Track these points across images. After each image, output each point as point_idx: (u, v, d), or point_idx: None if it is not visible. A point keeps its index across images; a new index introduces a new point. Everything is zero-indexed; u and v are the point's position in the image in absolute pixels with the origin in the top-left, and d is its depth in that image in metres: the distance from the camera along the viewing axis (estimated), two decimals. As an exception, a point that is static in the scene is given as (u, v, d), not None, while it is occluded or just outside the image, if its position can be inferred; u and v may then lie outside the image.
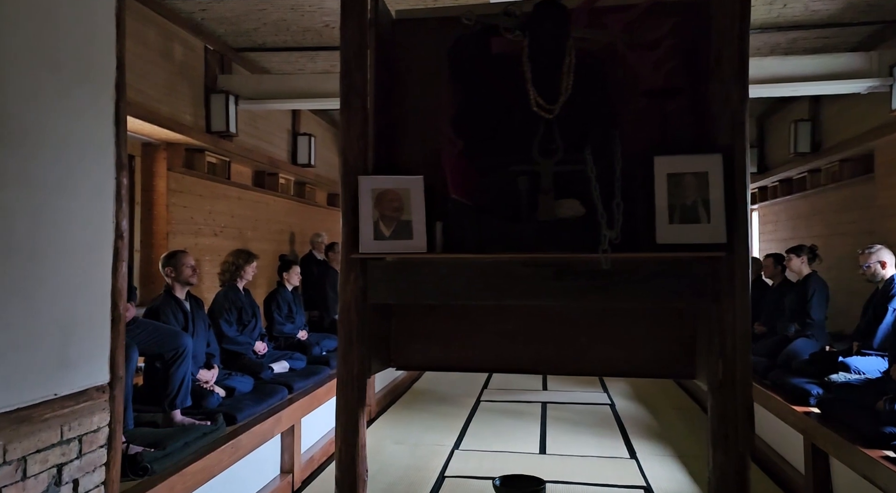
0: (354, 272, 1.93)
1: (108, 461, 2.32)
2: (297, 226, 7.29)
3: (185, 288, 3.81)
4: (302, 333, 5.45)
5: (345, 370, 1.93)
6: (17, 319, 1.95)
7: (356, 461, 1.93)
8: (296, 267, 5.58)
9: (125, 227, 2.43)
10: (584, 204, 1.75)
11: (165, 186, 4.75)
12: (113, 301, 2.37)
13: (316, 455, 4.44)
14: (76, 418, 2.17)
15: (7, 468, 1.90)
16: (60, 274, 2.12)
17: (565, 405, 6.02)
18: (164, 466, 2.76)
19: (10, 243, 1.93)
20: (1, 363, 1.89)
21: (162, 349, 3.22)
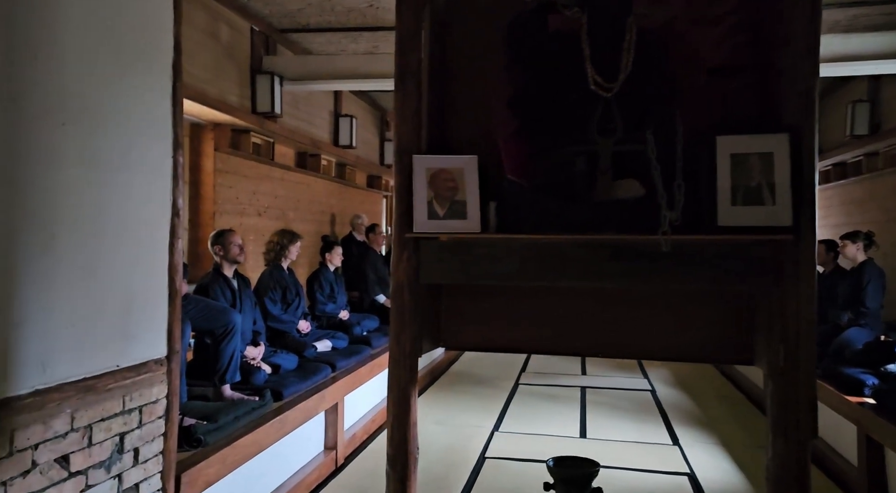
0: (407, 252, 1.94)
1: (165, 432, 2.39)
2: (338, 207, 7.36)
3: (232, 266, 3.88)
4: (343, 313, 5.52)
5: (397, 349, 1.95)
6: (84, 292, 2.01)
7: (408, 438, 1.95)
8: (338, 248, 5.64)
9: (181, 204, 2.48)
10: (644, 185, 1.71)
11: (213, 167, 4.84)
12: (170, 277, 2.43)
13: (358, 433, 4.51)
14: (137, 389, 2.24)
15: (75, 435, 1.97)
16: (122, 250, 2.18)
17: (605, 390, 5.99)
18: (216, 438, 2.84)
19: (77, 220, 1.99)
20: (69, 334, 1.96)
21: (212, 325, 3.30)
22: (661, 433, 4.72)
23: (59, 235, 1.92)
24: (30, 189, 1.82)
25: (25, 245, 1.81)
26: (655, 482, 3.75)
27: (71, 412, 1.96)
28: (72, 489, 1.96)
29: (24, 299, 1.81)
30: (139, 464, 2.25)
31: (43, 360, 1.87)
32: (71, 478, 1.96)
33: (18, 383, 1.79)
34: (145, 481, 2.28)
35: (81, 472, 2.00)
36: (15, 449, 1.77)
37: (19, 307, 1.80)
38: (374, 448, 4.38)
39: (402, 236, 1.93)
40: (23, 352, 1.81)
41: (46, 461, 1.87)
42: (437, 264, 1.94)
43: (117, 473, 2.15)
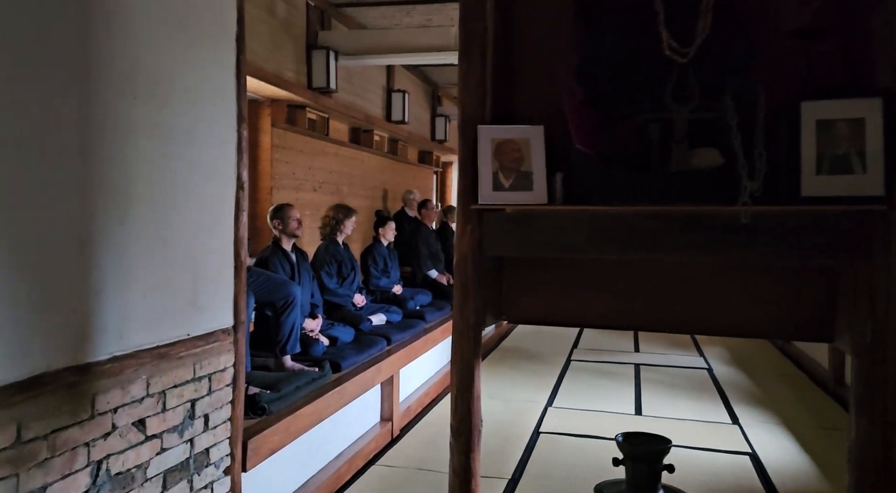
0: (472, 224, 1.91)
1: (233, 400, 2.46)
2: (390, 183, 7.38)
3: (291, 240, 3.94)
4: (397, 287, 5.56)
5: (461, 321, 1.94)
6: (156, 263, 2.07)
7: (472, 410, 1.95)
8: (391, 223, 5.67)
9: (245, 178, 2.52)
10: (722, 154, 1.64)
11: (270, 142, 4.90)
12: (235, 249, 2.47)
13: (412, 406, 4.57)
14: (206, 357, 2.30)
15: (150, 400, 2.05)
16: (190, 222, 2.23)
17: (660, 368, 5.89)
18: (279, 407, 2.91)
19: (149, 193, 2.04)
20: (143, 303, 2.02)
21: (273, 297, 3.36)
22: (719, 411, 4.63)
23: (133, 207, 1.98)
24: (105, 162, 1.87)
25: (103, 217, 1.87)
26: (716, 461, 3.68)
27: (146, 378, 2.03)
28: (148, 452, 2.04)
29: (102, 269, 1.87)
30: (209, 430, 2.32)
31: (119, 328, 1.94)
32: (147, 441, 2.04)
33: (98, 349, 1.86)
34: (215, 446, 2.35)
35: (157, 436, 2.08)
36: (96, 412, 1.84)
37: (98, 277, 1.86)
38: (428, 421, 4.43)
39: (467, 208, 1.91)
40: (101, 320, 1.87)
41: (125, 424, 1.95)
42: (501, 236, 1.91)
43: (189, 438, 2.22)
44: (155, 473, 2.07)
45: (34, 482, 1.65)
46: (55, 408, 1.71)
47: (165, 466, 2.11)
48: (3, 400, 1.57)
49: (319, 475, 3.25)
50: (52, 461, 1.70)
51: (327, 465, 3.37)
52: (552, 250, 1.88)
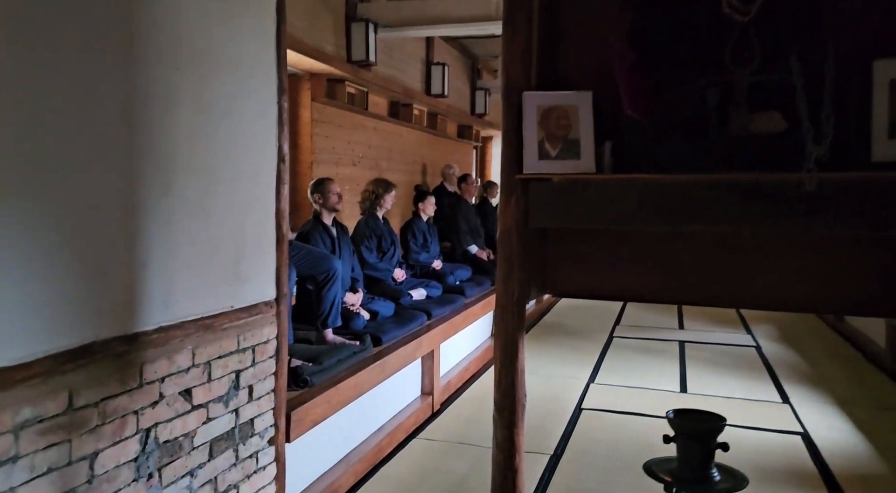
0: (516, 194, 1.86)
1: (276, 371, 2.48)
2: (429, 157, 7.33)
3: (331, 214, 3.95)
4: (437, 262, 5.55)
5: (504, 294, 1.89)
6: (200, 233, 2.08)
7: (515, 384, 1.92)
8: (431, 198, 5.63)
9: (286, 150, 2.50)
10: (785, 117, 1.54)
11: (310, 117, 4.89)
12: (277, 222, 2.47)
13: (453, 380, 4.57)
14: (249, 329, 2.32)
15: (196, 371, 2.07)
16: (232, 194, 2.23)
17: (705, 346, 5.76)
18: (321, 380, 2.93)
19: (192, 164, 2.04)
20: (188, 275, 2.03)
21: (314, 271, 3.37)
22: (768, 389, 4.50)
23: (176, 178, 1.98)
24: (148, 132, 1.87)
25: (147, 187, 1.87)
26: (766, 441, 3.58)
27: (192, 349, 2.05)
28: (195, 421, 2.07)
29: (148, 240, 1.88)
30: (253, 400, 2.35)
31: (165, 298, 1.96)
32: (194, 410, 2.07)
33: (145, 319, 1.88)
34: (259, 417, 2.38)
35: (203, 405, 2.10)
36: (144, 381, 1.87)
37: (144, 248, 1.87)
38: (468, 396, 4.43)
39: (511, 178, 1.85)
40: (148, 290, 1.89)
41: (172, 393, 1.98)
42: (546, 207, 1.85)
43: (234, 408, 2.25)
44: (202, 442, 2.10)
45: (86, 448, 1.68)
46: (105, 376, 1.74)
47: (212, 435, 2.14)
48: (55, 368, 1.60)
49: (361, 448, 3.28)
50: (103, 428, 1.73)
51: (368, 437, 3.40)
52: (600, 221, 1.82)
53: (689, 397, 4.34)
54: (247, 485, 2.32)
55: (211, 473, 2.14)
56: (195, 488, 2.07)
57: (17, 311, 1.51)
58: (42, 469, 1.57)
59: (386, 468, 3.28)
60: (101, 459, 1.73)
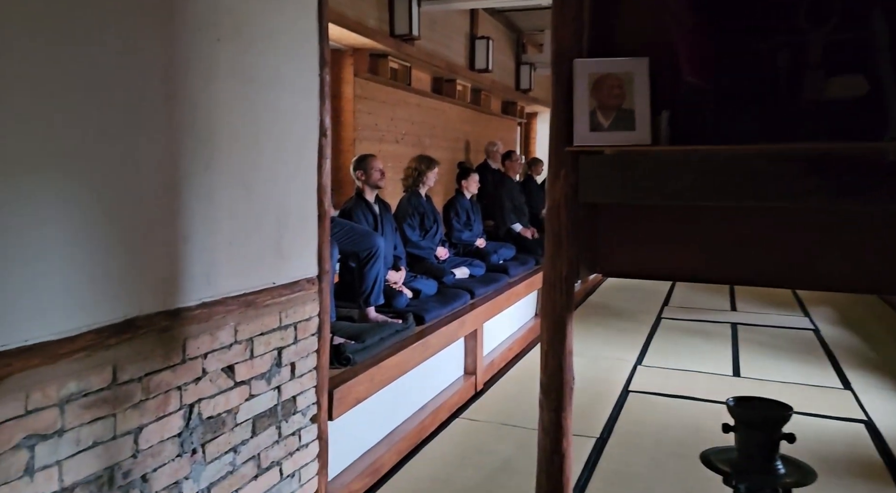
0: (565, 168, 1.76)
1: (318, 349, 2.46)
2: (472, 134, 7.22)
3: (374, 191, 3.90)
4: (480, 240, 5.47)
5: (552, 272, 1.81)
6: (241, 208, 2.05)
7: (563, 366, 1.85)
8: (474, 175, 5.53)
9: (328, 124, 2.45)
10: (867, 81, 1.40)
11: (352, 93, 4.84)
12: (318, 198, 2.43)
13: (496, 360, 4.52)
14: (292, 306, 2.30)
15: (238, 347, 2.06)
16: (274, 168, 2.20)
17: (759, 328, 5.55)
18: (364, 358, 2.91)
19: (233, 137, 2.00)
20: (230, 251, 2.01)
21: (356, 248, 3.34)
22: (828, 375, 4.31)
23: (218, 152, 1.95)
24: (189, 104, 1.84)
25: (188, 161, 1.85)
26: (827, 428, 3.43)
27: (234, 325, 2.04)
28: (238, 397, 2.07)
29: (189, 215, 1.87)
30: (296, 378, 2.33)
31: (207, 274, 1.94)
32: (236, 387, 2.06)
33: (188, 294, 1.87)
34: (301, 394, 2.37)
35: (245, 382, 2.09)
36: (187, 357, 1.86)
37: (185, 222, 1.86)
38: (512, 376, 4.37)
39: (560, 151, 1.76)
40: (190, 266, 1.88)
41: (215, 369, 1.97)
42: (598, 181, 1.75)
43: (277, 385, 2.24)
44: (244, 418, 2.10)
45: (130, 423, 1.69)
46: (148, 351, 1.73)
47: (254, 412, 2.14)
48: (100, 342, 1.60)
49: (404, 426, 3.26)
50: (147, 403, 1.74)
51: (411, 416, 3.38)
52: (655, 196, 1.71)
53: (743, 381, 4.19)
54: (289, 462, 2.32)
55: (254, 449, 2.14)
56: (238, 464, 2.08)
57: (60, 285, 1.50)
58: (88, 443, 1.58)
59: (429, 447, 3.26)
60: (145, 434, 1.74)
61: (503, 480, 2.93)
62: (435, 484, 2.89)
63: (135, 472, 1.71)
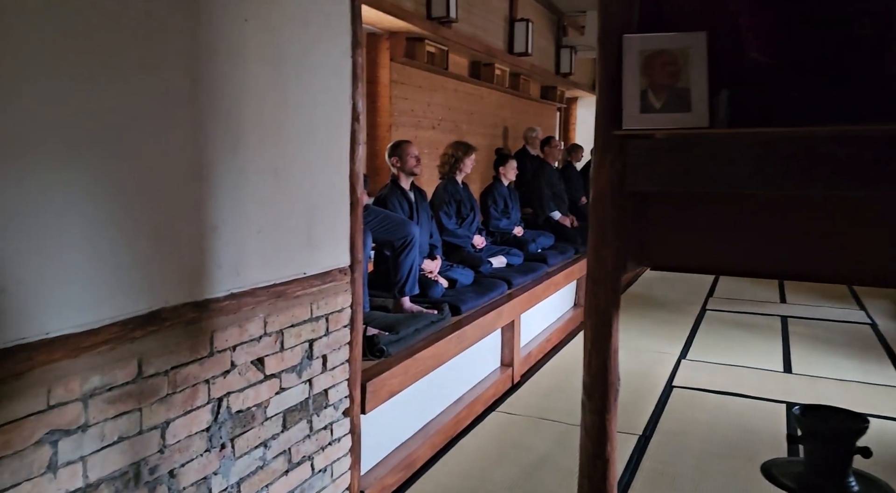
0: (611, 153, 1.63)
1: (351, 341, 2.39)
2: (511, 120, 7.06)
3: (409, 178, 3.81)
4: (518, 229, 5.34)
5: (597, 266, 1.69)
6: (270, 195, 1.98)
7: (608, 366, 1.72)
8: (512, 161, 5.40)
9: (361, 108, 2.36)
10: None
11: (388, 78, 4.75)
12: (351, 185, 2.35)
13: (533, 352, 4.40)
14: (323, 297, 2.23)
15: (268, 339, 2.00)
16: (304, 154, 2.12)
17: (812, 321, 5.30)
18: (398, 349, 2.83)
19: (262, 121, 1.93)
20: (259, 240, 1.94)
21: (391, 237, 3.26)
22: (888, 372, 4.07)
23: (246, 136, 1.88)
24: (216, 86, 1.77)
25: (215, 146, 1.78)
26: (890, 431, 3.22)
27: (264, 317, 1.98)
28: (267, 391, 2.01)
29: (217, 202, 1.80)
30: (327, 371, 2.27)
31: (236, 264, 1.88)
32: (266, 380, 2.00)
33: (215, 285, 1.81)
34: (333, 387, 2.30)
35: (275, 375, 2.03)
36: (215, 350, 1.81)
37: (213, 210, 1.79)
38: (550, 368, 4.25)
39: (607, 135, 1.63)
40: (217, 255, 1.81)
41: (244, 362, 1.91)
42: (648, 168, 1.62)
43: (308, 378, 2.18)
44: (275, 412, 2.04)
45: (157, 417, 1.64)
46: (174, 344, 1.68)
47: (285, 405, 2.08)
48: (124, 335, 1.55)
49: (439, 419, 3.19)
50: (174, 397, 1.68)
51: (446, 409, 3.30)
52: (712, 184, 1.56)
53: (795, 378, 3.99)
54: (321, 457, 2.26)
55: (284, 444, 2.09)
56: (268, 459, 2.02)
57: (82, 276, 1.45)
58: (112, 438, 1.53)
59: (464, 441, 3.17)
60: (172, 428, 1.69)
61: (541, 477, 2.83)
62: (470, 481, 2.81)
63: (162, 467, 1.66)
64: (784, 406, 3.53)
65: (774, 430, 3.21)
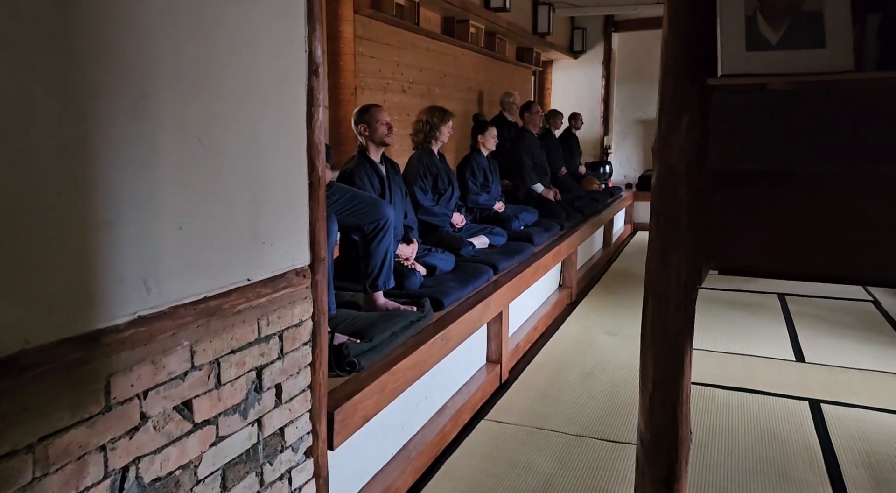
0: (691, 115, 1.12)
1: (313, 361, 1.86)
2: (486, 84, 6.49)
3: (380, 149, 3.25)
4: (499, 204, 4.83)
5: (663, 277, 1.20)
6: (196, 176, 1.41)
7: (678, 417, 1.24)
8: (492, 129, 4.85)
9: (320, 59, 1.79)
10: None
11: (352, 33, 4.13)
12: (309, 160, 1.79)
13: (521, 343, 3.93)
14: (274, 309, 1.68)
15: (197, 375, 1.45)
16: (243, 118, 1.55)
17: (810, 299, 4.95)
18: (373, 361, 2.31)
19: (178, 68, 1.35)
20: (180, 237, 1.38)
21: (361, 221, 2.71)
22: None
23: (154, 92, 1.30)
24: (103, 17, 1.18)
25: (105, 105, 1.20)
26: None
27: (190, 345, 1.43)
28: (198, 445, 1.47)
29: (112, 187, 1.23)
30: (282, 404, 1.73)
31: (145, 275, 1.32)
32: (196, 430, 1.46)
33: (113, 308, 1.26)
34: (291, 424, 1.77)
35: (209, 421, 1.49)
36: (114, 402, 1.25)
37: (105, 199, 1.22)
38: (539, 363, 3.78)
39: (685, 88, 1.11)
40: (116, 264, 1.25)
41: (161, 412, 1.36)
42: (747, 135, 1.11)
43: (256, 418, 1.64)
44: (209, 471, 1.50)
45: (20, 514, 1.09)
46: (44, 403, 1.12)
47: (224, 459, 1.55)
48: (-42, 397, 0.99)
49: (420, 437, 2.69)
50: (46, 481, 1.13)
51: (428, 423, 2.80)
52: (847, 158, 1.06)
53: (810, 368, 3.61)
54: (277, 515, 1.74)
55: (225, 510, 1.56)
56: (202, 535, 1.49)
57: None
58: (-61, 561, 0.98)
59: (451, 460, 2.69)
60: (46, 525, 1.14)
61: (545, 507, 2.37)
62: (462, 515, 2.33)
63: None
64: (807, 404, 3.14)
65: (805, 436, 2.82)
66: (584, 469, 2.57)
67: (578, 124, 7.58)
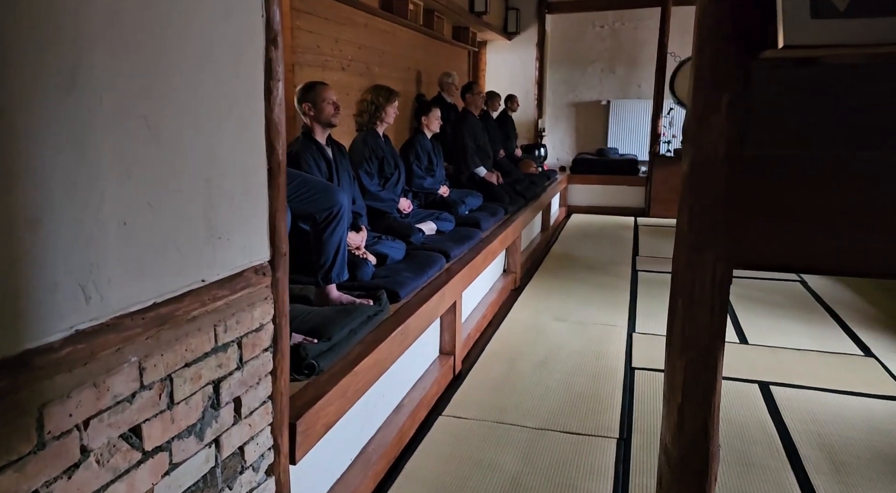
0: (732, 94, 1.00)
1: (274, 369, 1.65)
2: (423, 63, 6.28)
3: (326, 130, 3.03)
4: (443, 188, 4.68)
5: (692, 276, 1.08)
6: (139, 162, 1.18)
7: (708, 431, 1.13)
8: (436, 110, 4.68)
9: (279, 27, 1.56)
10: None
11: (289, 4, 3.83)
12: (268, 141, 1.57)
13: (471, 332, 3.81)
14: (232, 313, 1.47)
15: (147, 395, 1.23)
16: (196, 93, 1.32)
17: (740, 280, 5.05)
18: (332, 361, 2.12)
19: (117, 32, 1.11)
20: (122, 235, 1.15)
21: (313, 209, 2.49)
22: (840, 338, 3.85)
23: (90, 60, 1.06)
24: (16, -41, 0.93)
25: (29, 77, 0.96)
26: (864, 408, 2.94)
27: (138, 361, 1.20)
28: (149, 476, 1.25)
29: (40, 177, 0.99)
30: (242, 420, 1.53)
31: (83, 280, 1.09)
32: (146, 460, 1.24)
33: (44, 324, 1.02)
34: (251, 441, 1.57)
35: (161, 448, 1.28)
36: (48, 437, 1.03)
37: (32, 191, 0.98)
38: (491, 352, 3.68)
39: (728, 62, 0.99)
40: (47, 268, 1.02)
41: (105, 443, 1.14)
42: (797, 116, 1.00)
43: (213, 438, 1.43)
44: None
45: None
46: (-41, 449, 0.89)
47: (178, 490, 1.33)
48: None
49: (379, 438, 2.52)
50: (-35, 546, 0.90)
51: (386, 422, 2.64)
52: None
53: (754, 349, 3.68)
54: (238, 545, 1.54)
55: (182, 548, 1.35)
56: (157, 580, 1.28)
57: None
58: None
59: (411, 462, 2.54)
60: None
61: (515, 507, 2.27)
62: (429, 521, 2.19)
63: None
64: (757, 386, 3.18)
65: (759, 419, 2.84)
66: (550, 465, 2.48)
67: (515, 106, 7.54)
